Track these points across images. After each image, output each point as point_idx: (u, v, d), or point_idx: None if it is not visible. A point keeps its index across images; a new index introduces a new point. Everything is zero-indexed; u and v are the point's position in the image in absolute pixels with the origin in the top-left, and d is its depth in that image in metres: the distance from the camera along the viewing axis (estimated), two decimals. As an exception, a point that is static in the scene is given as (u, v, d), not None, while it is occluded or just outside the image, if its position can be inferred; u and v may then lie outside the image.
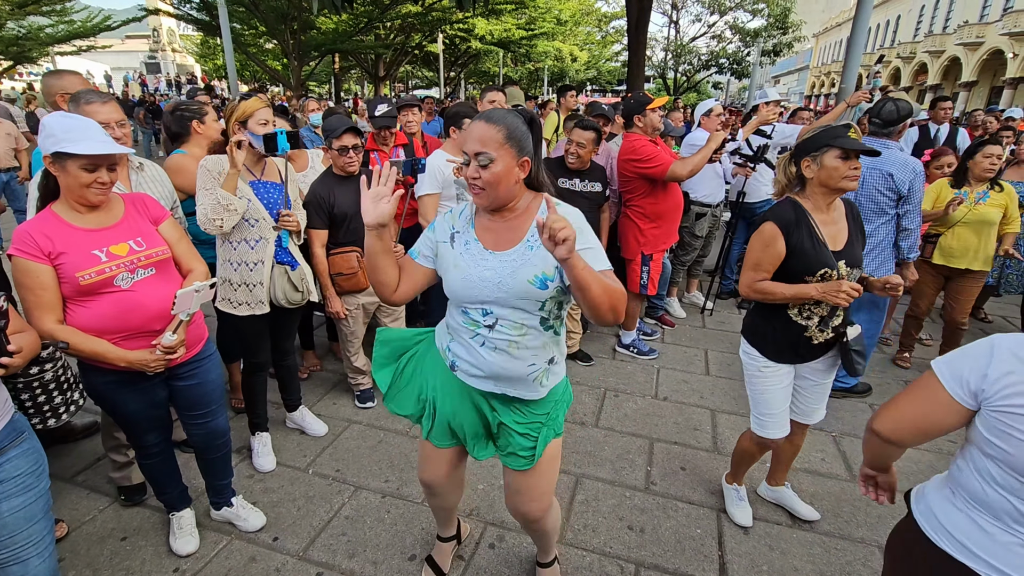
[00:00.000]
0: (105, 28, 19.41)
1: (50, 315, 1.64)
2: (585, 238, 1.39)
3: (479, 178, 1.37)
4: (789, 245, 1.88)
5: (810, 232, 1.87)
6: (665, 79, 33.18)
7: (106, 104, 2.19)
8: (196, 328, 1.94)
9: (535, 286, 1.39)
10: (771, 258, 1.91)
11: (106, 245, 1.71)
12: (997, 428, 1.00)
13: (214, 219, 2.22)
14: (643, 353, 3.83)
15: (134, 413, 1.90)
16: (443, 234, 1.52)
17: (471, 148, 1.36)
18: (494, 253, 1.44)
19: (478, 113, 1.45)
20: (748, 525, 2.30)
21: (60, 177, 1.65)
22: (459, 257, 1.47)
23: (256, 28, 16.16)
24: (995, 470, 1.03)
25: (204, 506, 2.29)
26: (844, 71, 4.96)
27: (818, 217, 1.90)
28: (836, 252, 1.88)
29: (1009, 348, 1.01)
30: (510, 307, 1.43)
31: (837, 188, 1.85)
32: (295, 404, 2.90)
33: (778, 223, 1.88)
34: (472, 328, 1.48)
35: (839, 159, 1.81)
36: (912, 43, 33.21)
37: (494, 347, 1.46)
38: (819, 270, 1.86)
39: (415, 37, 20.58)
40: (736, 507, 2.35)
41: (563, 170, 3.29)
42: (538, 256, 1.40)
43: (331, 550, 2.14)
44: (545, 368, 1.51)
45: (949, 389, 1.07)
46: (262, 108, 2.36)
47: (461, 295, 1.46)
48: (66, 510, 2.30)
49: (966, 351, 1.07)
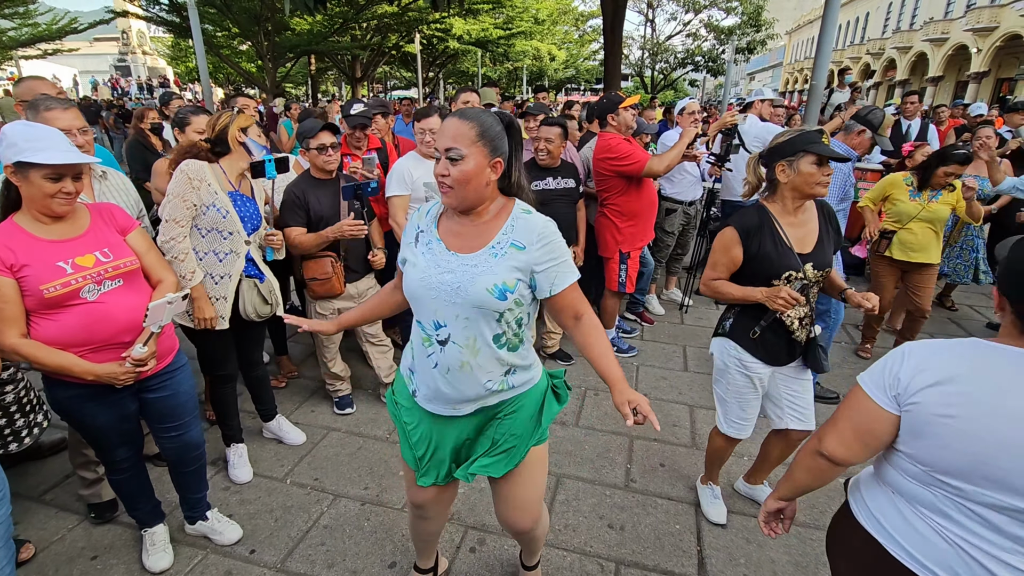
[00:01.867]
0: (72, 31, 18.91)
1: (12, 329, 1.59)
2: (556, 251, 1.39)
3: (448, 175, 1.32)
4: (749, 251, 1.93)
5: (774, 237, 1.91)
6: (643, 77, 33.48)
7: (67, 111, 2.13)
8: (167, 339, 1.90)
9: (493, 295, 1.33)
10: (728, 261, 1.98)
11: (71, 256, 1.67)
12: (910, 426, 1.06)
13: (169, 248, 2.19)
14: (623, 351, 3.87)
15: (103, 427, 1.85)
16: (409, 234, 1.50)
17: (442, 144, 1.33)
18: (456, 255, 1.39)
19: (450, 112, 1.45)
20: (723, 523, 2.32)
21: (22, 187, 1.60)
22: (420, 257, 1.43)
23: (229, 30, 15.88)
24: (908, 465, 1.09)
25: (178, 520, 2.25)
26: (814, 69, 5.06)
27: (785, 220, 1.94)
28: (803, 255, 1.91)
29: (918, 350, 1.08)
30: (464, 319, 1.37)
31: (809, 193, 1.89)
32: (271, 414, 2.85)
33: (738, 229, 1.94)
34: (425, 345, 1.44)
35: (814, 165, 1.84)
36: (881, 39, 34.00)
37: (446, 368, 1.41)
38: (783, 273, 1.91)
39: (392, 38, 20.43)
40: (711, 505, 2.38)
41: (535, 171, 3.30)
42: (501, 265, 1.35)
43: (310, 560, 2.12)
44: (501, 379, 1.46)
45: (874, 397, 1.11)
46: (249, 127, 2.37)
47: (418, 295, 1.41)
48: (34, 530, 2.24)
49: (884, 361, 1.13)
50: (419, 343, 1.48)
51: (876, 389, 1.11)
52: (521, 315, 1.43)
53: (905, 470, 1.11)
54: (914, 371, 1.05)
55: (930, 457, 1.03)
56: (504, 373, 1.46)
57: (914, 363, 1.06)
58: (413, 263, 1.44)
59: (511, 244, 1.37)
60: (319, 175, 2.77)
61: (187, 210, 2.21)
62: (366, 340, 3.09)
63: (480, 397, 1.46)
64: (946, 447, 1.00)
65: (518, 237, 1.37)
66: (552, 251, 1.38)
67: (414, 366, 1.53)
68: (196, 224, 2.26)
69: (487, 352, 1.41)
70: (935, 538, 1.06)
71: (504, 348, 1.43)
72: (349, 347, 3.59)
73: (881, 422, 1.10)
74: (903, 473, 1.11)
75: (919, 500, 1.09)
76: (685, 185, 4.41)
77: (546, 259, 1.37)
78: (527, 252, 1.36)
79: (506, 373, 1.46)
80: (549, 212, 3.47)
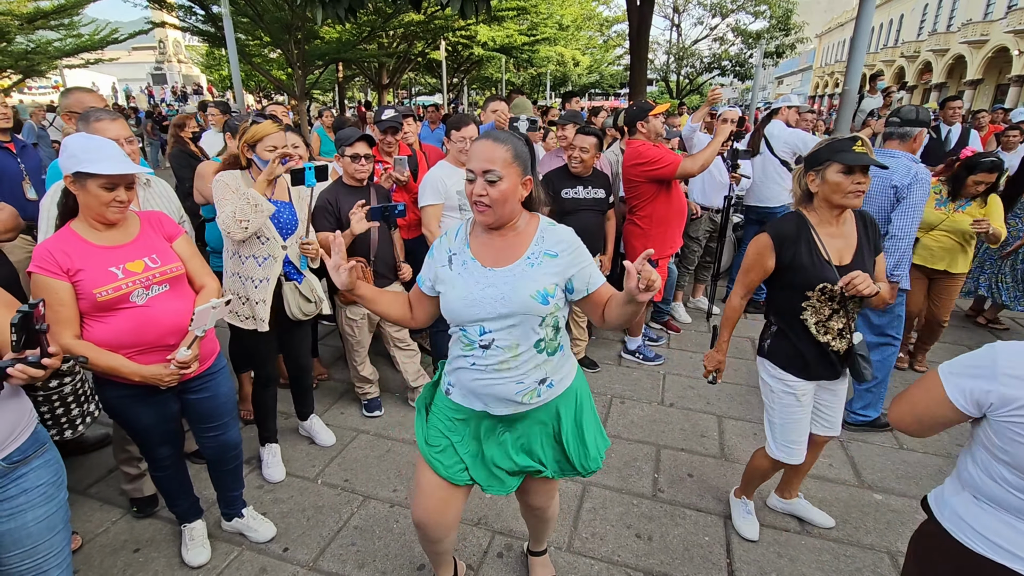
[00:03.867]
0: (112, 41, 19.63)
1: (68, 330, 1.67)
2: (584, 254, 1.51)
3: (486, 195, 1.39)
4: (783, 260, 1.90)
5: (810, 247, 1.87)
6: (668, 82, 33.21)
7: (115, 122, 2.24)
8: (208, 342, 1.97)
9: (537, 301, 1.42)
10: (760, 268, 1.97)
11: (122, 262, 1.74)
12: (1007, 436, 1.04)
13: (241, 220, 2.19)
14: (649, 359, 3.84)
15: (147, 427, 1.93)
16: (441, 258, 1.54)
17: (478, 166, 1.39)
18: (493, 270, 1.46)
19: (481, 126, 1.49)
20: (755, 539, 2.28)
21: (80, 196, 1.69)
22: (457, 277, 1.49)
23: (260, 38, 16.30)
24: (1008, 474, 1.06)
25: (215, 517, 2.32)
26: (847, 71, 4.96)
27: (824, 231, 1.89)
28: (841, 267, 1.87)
29: (1010, 367, 1.03)
30: (509, 325, 1.44)
31: (840, 204, 1.84)
32: (307, 414, 2.94)
33: (773, 237, 1.91)
34: (466, 350, 1.50)
35: (841, 174, 1.79)
36: (916, 42, 33.07)
37: (484, 367, 1.48)
38: (818, 284, 1.87)
39: (418, 45, 20.69)
40: (743, 520, 2.33)
41: (566, 180, 3.31)
42: (539, 272, 1.44)
43: (341, 560, 2.16)
44: (535, 388, 1.51)
45: (953, 399, 1.11)
46: (274, 134, 2.33)
47: (462, 315, 1.46)
48: (80, 522, 2.34)
49: (969, 365, 1.10)
50: (459, 348, 1.53)
51: (957, 392, 1.11)
52: (558, 317, 1.52)
53: (1008, 481, 1.08)
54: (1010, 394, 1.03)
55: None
56: (539, 382, 1.51)
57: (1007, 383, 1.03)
58: (451, 285, 1.49)
59: (544, 254, 1.47)
60: (351, 182, 2.84)
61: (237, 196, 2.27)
62: (394, 345, 3.14)
63: (512, 399, 1.51)
64: None
65: (549, 247, 1.48)
66: (581, 255, 1.50)
67: (449, 368, 1.60)
68: None
69: (528, 356, 1.48)
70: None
71: (543, 352, 1.50)
72: (377, 351, 3.65)
73: (953, 415, 1.13)
74: (1004, 485, 1.08)
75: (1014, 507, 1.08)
76: (712, 191, 4.36)
77: (578, 263, 1.49)
78: (559, 259, 1.47)
79: (540, 382, 1.52)
80: (576, 221, 3.50)
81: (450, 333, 1.57)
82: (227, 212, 2.20)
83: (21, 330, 1.24)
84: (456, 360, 1.55)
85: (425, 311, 1.63)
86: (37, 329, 1.27)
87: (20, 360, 1.24)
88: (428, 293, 1.58)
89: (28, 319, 1.24)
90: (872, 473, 2.71)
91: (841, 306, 1.90)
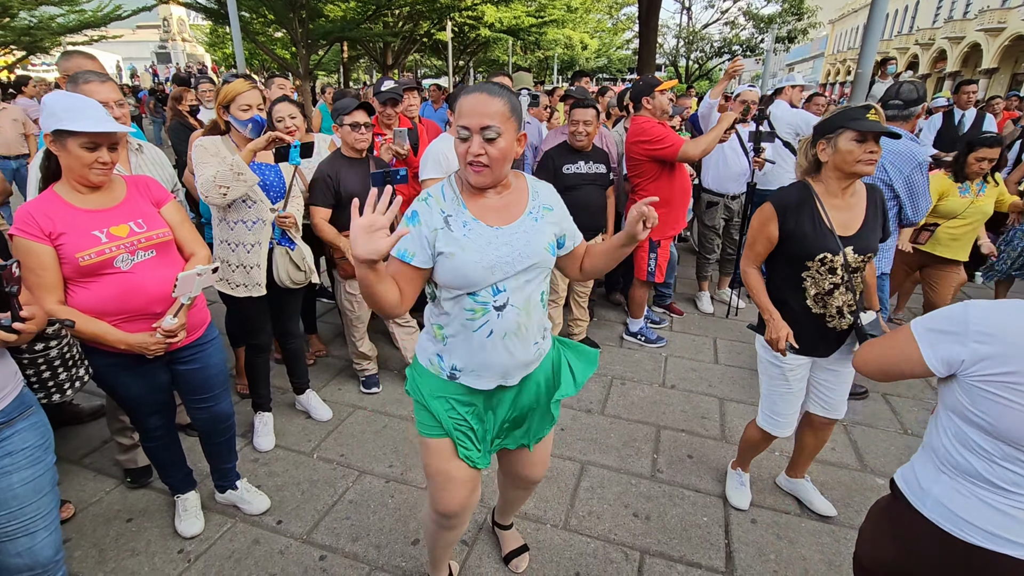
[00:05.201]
0: (116, 17, 19.43)
1: (51, 295, 1.63)
2: (566, 210, 1.55)
3: (484, 154, 1.27)
4: (785, 229, 1.87)
5: (813, 216, 1.84)
6: (677, 67, 32.69)
7: (104, 84, 2.16)
8: (198, 312, 1.93)
9: (550, 252, 1.43)
10: (764, 239, 1.94)
11: (106, 226, 1.69)
12: (980, 397, 1.03)
13: (221, 185, 2.14)
14: (651, 341, 3.79)
15: (136, 396, 1.90)
16: (434, 221, 1.34)
17: (475, 122, 1.25)
18: (500, 228, 1.37)
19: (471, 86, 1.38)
20: (744, 508, 2.29)
21: (61, 156, 1.63)
22: (465, 240, 1.33)
23: (264, 16, 16.10)
24: (983, 441, 1.05)
25: (209, 489, 2.29)
26: (860, 58, 4.81)
27: (830, 202, 1.85)
28: (845, 238, 1.83)
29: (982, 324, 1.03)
30: (525, 281, 1.39)
31: (852, 172, 1.79)
32: (303, 387, 2.91)
33: (776, 206, 1.88)
34: (477, 316, 1.36)
35: (854, 142, 1.74)
36: (931, 29, 32.38)
37: (503, 334, 1.37)
38: (818, 254, 1.83)
39: (423, 25, 20.39)
40: (736, 491, 2.35)
41: (567, 155, 3.23)
42: (544, 224, 1.43)
43: (335, 533, 2.14)
44: (539, 343, 1.49)
45: (925, 358, 1.11)
46: (246, 91, 2.28)
47: (478, 278, 1.33)
48: (73, 491, 2.32)
49: (943, 319, 1.10)
50: (463, 319, 1.38)
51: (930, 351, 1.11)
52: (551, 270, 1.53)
53: (983, 448, 1.06)
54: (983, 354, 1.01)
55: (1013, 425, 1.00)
56: (542, 336, 1.51)
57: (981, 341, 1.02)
58: (460, 247, 1.32)
59: (543, 208, 1.46)
60: (350, 153, 2.77)
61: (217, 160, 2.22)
62: (392, 321, 3.10)
63: (530, 362, 1.48)
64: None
65: (545, 201, 1.48)
66: (565, 209, 1.54)
67: (445, 349, 1.45)
68: None
69: (537, 311, 1.45)
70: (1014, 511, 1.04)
71: (543, 306, 1.50)
72: (376, 328, 3.61)
73: (920, 371, 1.13)
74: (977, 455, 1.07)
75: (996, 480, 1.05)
76: (727, 177, 4.16)
77: (566, 216, 1.54)
78: (555, 212, 1.49)
79: (542, 337, 1.51)
80: (580, 196, 3.40)
81: (441, 305, 1.41)
82: (206, 176, 2.15)
83: None
84: (460, 335, 1.40)
85: (413, 288, 1.37)
86: (7, 291, 1.21)
87: None
88: (421, 265, 1.33)
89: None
90: (875, 458, 2.67)
91: (843, 281, 1.86)
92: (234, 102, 2.28)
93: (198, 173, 2.19)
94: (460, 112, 1.29)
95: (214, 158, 2.19)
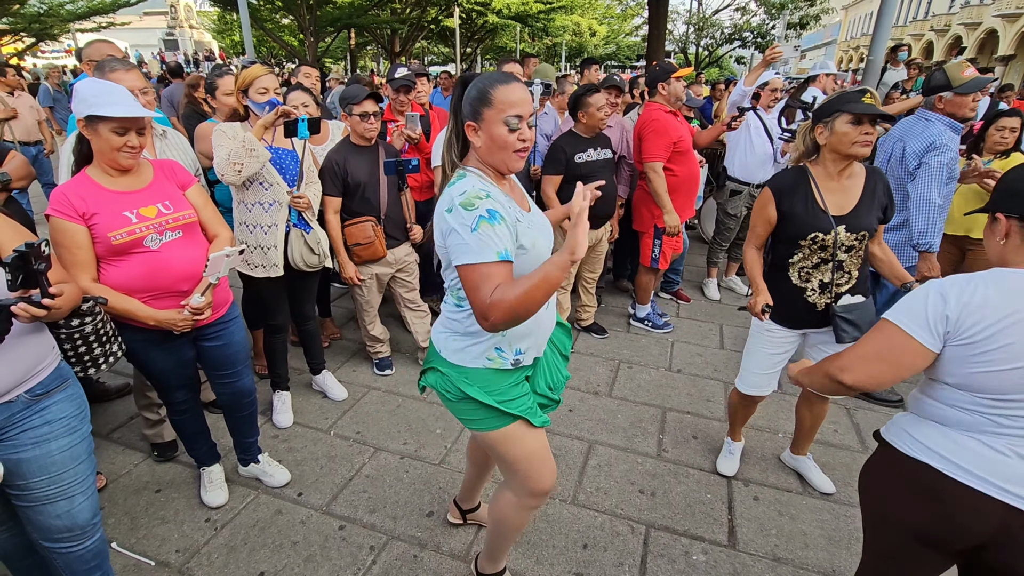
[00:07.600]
0: (124, 4, 19.47)
1: (85, 273, 1.71)
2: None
3: (528, 140, 1.32)
4: (781, 210, 1.97)
5: (807, 197, 1.92)
6: (686, 54, 32.26)
7: (129, 72, 2.24)
8: (222, 291, 2.01)
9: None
10: (763, 221, 2.04)
11: (136, 207, 1.77)
12: (960, 358, 1.11)
13: (235, 163, 2.22)
14: (658, 327, 3.85)
15: (163, 371, 1.99)
16: (511, 213, 1.30)
17: (525, 111, 1.29)
18: (532, 215, 1.45)
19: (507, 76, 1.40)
20: (730, 475, 2.42)
21: (93, 140, 1.71)
22: (530, 228, 1.36)
23: (273, 3, 16.10)
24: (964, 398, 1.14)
25: (232, 463, 2.40)
26: (872, 44, 4.79)
27: (826, 184, 1.93)
28: (838, 217, 1.90)
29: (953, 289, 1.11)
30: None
31: (848, 154, 1.86)
32: (319, 367, 3.00)
33: (773, 189, 1.99)
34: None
35: (849, 124, 1.81)
36: (947, 15, 31.75)
37: (548, 304, 1.48)
38: (808, 234, 1.92)
39: (431, 11, 20.28)
40: (724, 459, 2.49)
41: (577, 144, 3.24)
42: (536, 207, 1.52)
43: (353, 505, 2.23)
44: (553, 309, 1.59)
45: (917, 337, 1.14)
46: (263, 76, 2.40)
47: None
48: (104, 464, 2.43)
49: (919, 302, 1.15)
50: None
51: (919, 329, 1.14)
52: None
53: (952, 401, 1.16)
54: (960, 309, 1.09)
55: (985, 383, 1.09)
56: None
57: (956, 299, 1.09)
58: (537, 234, 1.37)
59: (524, 192, 1.55)
60: (359, 142, 2.81)
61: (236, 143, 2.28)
62: (404, 305, 3.17)
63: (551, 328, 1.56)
64: (1003, 371, 1.06)
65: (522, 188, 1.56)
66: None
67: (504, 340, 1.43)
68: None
69: None
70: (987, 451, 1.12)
71: None
72: (388, 312, 3.69)
73: (920, 358, 1.15)
74: (949, 404, 1.17)
75: (969, 425, 1.15)
76: (754, 164, 4.03)
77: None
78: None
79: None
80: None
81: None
82: (221, 155, 2.24)
83: (17, 269, 1.23)
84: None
85: None
86: (36, 269, 1.26)
87: (24, 299, 1.26)
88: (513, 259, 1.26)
89: (24, 259, 1.23)
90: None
91: (832, 258, 1.94)
92: (252, 86, 2.38)
93: (215, 155, 2.27)
94: (508, 102, 1.27)
95: (232, 141, 2.26)
